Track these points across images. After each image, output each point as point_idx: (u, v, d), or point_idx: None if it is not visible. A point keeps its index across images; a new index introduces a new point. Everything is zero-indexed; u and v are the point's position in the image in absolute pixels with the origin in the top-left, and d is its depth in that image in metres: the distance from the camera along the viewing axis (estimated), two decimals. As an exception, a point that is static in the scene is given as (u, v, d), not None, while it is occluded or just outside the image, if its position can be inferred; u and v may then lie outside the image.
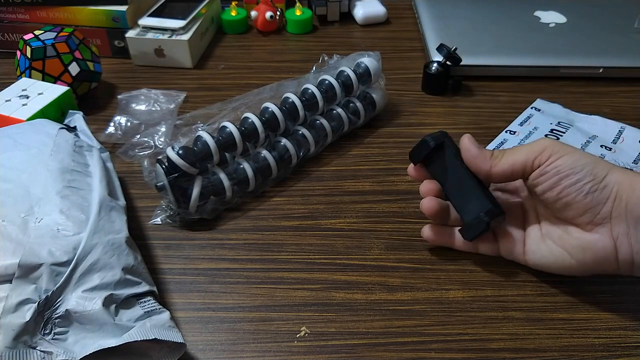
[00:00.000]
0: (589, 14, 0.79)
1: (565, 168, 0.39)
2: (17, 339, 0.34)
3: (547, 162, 0.39)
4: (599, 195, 0.38)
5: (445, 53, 0.65)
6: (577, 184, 0.38)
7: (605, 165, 0.39)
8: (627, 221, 0.37)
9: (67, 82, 0.62)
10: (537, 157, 0.40)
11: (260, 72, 0.73)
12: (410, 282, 0.45)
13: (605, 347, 0.40)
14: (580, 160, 0.39)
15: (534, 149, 0.40)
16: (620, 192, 0.37)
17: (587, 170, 0.38)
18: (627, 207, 0.37)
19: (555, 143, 0.40)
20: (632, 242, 0.37)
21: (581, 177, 0.38)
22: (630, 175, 0.38)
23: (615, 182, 0.38)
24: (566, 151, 0.39)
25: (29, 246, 0.36)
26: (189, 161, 0.47)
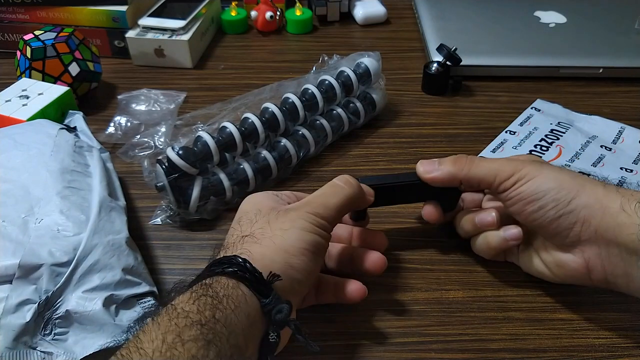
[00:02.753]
0: (589, 14, 0.79)
1: (528, 195, 0.38)
2: (18, 340, 0.34)
3: (511, 189, 0.39)
4: (565, 221, 0.37)
5: (445, 53, 0.65)
6: (540, 211, 0.37)
7: (573, 187, 0.37)
8: (598, 244, 0.36)
9: (67, 82, 0.62)
10: (504, 182, 0.39)
11: (260, 72, 0.73)
12: (410, 282, 0.45)
13: (605, 347, 0.40)
14: (544, 185, 0.37)
15: (504, 170, 0.39)
16: (588, 217, 0.36)
17: (550, 197, 0.37)
18: (597, 232, 0.36)
19: (526, 165, 0.39)
20: (604, 263, 0.37)
21: (544, 203, 0.37)
22: (601, 196, 0.36)
23: (583, 207, 0.36)
24: (533, 174, 0.38)
25: (29, 246, 0.36)
26: (189, 161, 0.47)
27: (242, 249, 0.35)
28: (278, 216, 0.37)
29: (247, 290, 0.32)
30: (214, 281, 0.32)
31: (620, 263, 0.36)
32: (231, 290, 0.31)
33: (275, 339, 0.32)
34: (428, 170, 0.42)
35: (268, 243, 0.35)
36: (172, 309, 0.29)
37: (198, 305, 0.30)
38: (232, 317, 0.30)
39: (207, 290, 0.31)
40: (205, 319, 0.29)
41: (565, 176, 0.38)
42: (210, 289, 0.31)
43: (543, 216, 0.37)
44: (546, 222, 0.37)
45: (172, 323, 0.28)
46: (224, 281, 0.32)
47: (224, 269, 0.33)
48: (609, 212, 0.35)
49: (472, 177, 0.41)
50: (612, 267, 0.36)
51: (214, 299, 0.30)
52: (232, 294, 0.31)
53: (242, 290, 0.32)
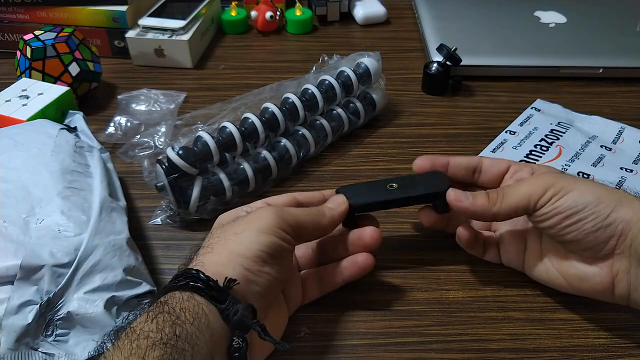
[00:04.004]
0: (589, 14, 0.79)
1: (566, 208, 0.37)
2: (19, 341, 0.34)
3: (548, 204, 0.38)
4: (602, 234, 0.36)
5: (445, 53, 0.65)
6: (578, 224, 0.37)
7: (611, 200, 0.37)
8: (630, 259, 0.36)
9: (67, 82, 0.62)
10: (540, 199, 0.38)
11: (260, 72, 0.73)
12: (410, 282, 0.45)
13: (605, 347, 0.40)
14: (583, 198, 0.37)
15: (536, 189, 0.38)
16: (625, 230, 0.36)
17: (590, 210, 0.36)
18: (632, 246, 0.36)
19: (558, 179, 0.38)
20: (631, 279, 0.36)
21: (583, 216, 0.37)
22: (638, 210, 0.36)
23: (621, 220, 0.36)
24: (569, 188, 0.37)
25: (30, 247, 0.37)
26: (189, 161, 0.47)
27: (195, 261, 0.34)
28: (235, 223, 0.37)
29: (203, 299, 0.31)
30: (169, 297, 0.31)
31: None
32: (186, 302, 0.31)
33: (240, 344, 0.32)
34: (460, 199, 0.41)
35: (220, 250, 0.35)
36: (131, 331, 0.29)
37: (157, 323, 0.29)
38: (193, 329, 0.30)
39: (163, 307, 0.30)
40: (166, 337, 0.28)
41: (601, 190, 0.37)
42: (165, 305, 0.30)
43: (579, 229, 0.37)
44: (582, 235, 0.37)
45: (133, 345, 0.28)
46: (177, 295, 0.31)
47: (176, 283, 0.32)
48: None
49: (506, 208, 0.39)
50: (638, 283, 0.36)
51: (171, 315, 0.30)
52: (188, 306, 0.31)
53: (197, 300, 0.31)
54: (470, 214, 0.41)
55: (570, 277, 0.39)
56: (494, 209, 0.39)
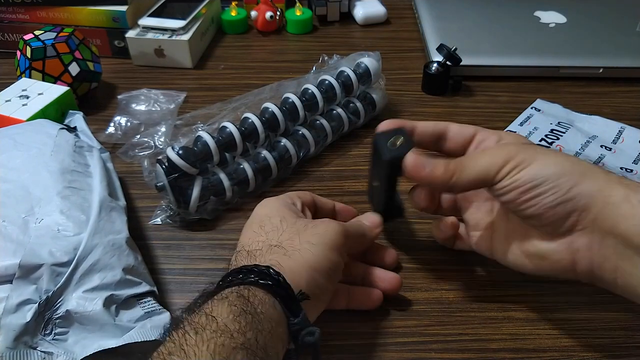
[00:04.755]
0: (589, 14, 0.79)
1: (525, 182, 0.35)
2: (18, 340, 0.34)
3: (506, 177, 0.36)
4: (563, 209, 0.34)
5: (445, 53, 0.65)
6: (538, 198, 0.35)
7: (574, 173, 0.35)
8: (593, 235, 0.34)
9: (67, 82, 0.62)
10: (499, 172, 0.36)
11: (260, 72, 0.73)
12: (410, 282, 0.45)
13: (605, 347, 0.40)
14: (543, 171, 0.35)
15: (495, 161, 0.36)
16: (588, 205, 0.34)
17: (550, 183, 0.34)
18: (595, 222, 0.34)
19: (520, 150, 0.36)
20: (594, 256, 0.35)
21: (542, 190, 0.35)
22: (604, 185, 0.34)
23: (584, 195, 0.34)
24: (530, 161, 0.35)
25: (30, 246, 0.36)
26: (189, 161, 0.47)
27: (271, 260, 0.34)
28: (307, 228, 0.37)
29: (280, 308, 0.32)
30: (251, 295, 0.31)
31: (612, 256, 0.34)
32: (268, 307, 0.31)
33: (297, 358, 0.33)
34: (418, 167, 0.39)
35: (297, 257, 0.35)
36: (214, 323, 0.29)
37: (240, 324, 0.29)
38: (270, 342, 0.30)
39: (247, 305, 0.30)
40: (249, 343, 0.28)
41: (565, 162, 0.35)
42: (249, 304, 0.30)
43: (539, 204, 0.35)
44: (541, 210, 0.35)
45: (218, 342, 0.28)
46: (260, 296, 0.31)
47: (258, 280, 0.32)
48: (611, 201, 0.33)
49: (464, 180, 0.37)
50: (602, 260, 0.35)
51: (254, 317, 0.30)
52: (269, 312, 0.31)
53: (277, 309, 0.32)
54: (427, 183, 0.40)
55: (532, 256, 0.38)
56: (452, 180, 0.37)
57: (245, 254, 0.36)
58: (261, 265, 0.33)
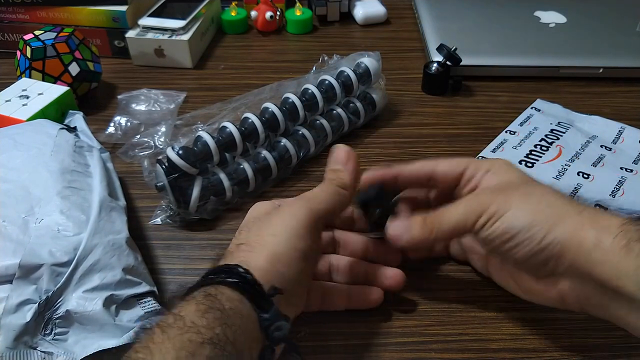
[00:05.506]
0: (589, 14, 0.79)
1: (501, 233, 0.36)
2: (18, 340, 0.34)
3: (483, 229, 0.36)
4: (539, 257, 0.35)
5: (445, 53, 0.65)
6: (515, 249, 0.36)
7: (547, 219, 0.35)
8: (572, 278, 0.35)
9: (67, 82, 0.62)
10: (475, 224, 0.37)
11: (260, 72, 0.73)
12: (411, 282, 0.44)
13: (605, 347, 0.40)
14: (516, 221, 0.35)
15: (470, 214, 0.37)
16: (562, 251, 0.34)
17: (523, 235, 0.35)
18: (572, 266, 0.34)
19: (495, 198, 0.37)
20: (578, 295, 0.35)
21: (518, 241, 0.35)
22: (578, 229, 0.34)
23: (559, 241, 0.34)
24: (503, 211, 0.36)
25: (30, 246, 0.37)
26: (189, 161, 0.47)
27: (239, 258, 0.34)
28: (270, 218, 0.37)
29: (249, 304, 0.32)
30: (219, 292, 0.31)
31: (595, 295, 0.34)
32: (236, 303, 0.31)
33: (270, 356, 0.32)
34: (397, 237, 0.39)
35: (262, 251, 0.35)
36: (181, 320, 0.29)
37: (208, 320, 0.29)
38: (239, 335, 0.30)
39: (214, 302, 0.30)
40: (216, 338, 0.28)
41: (540, 206, 0.36)
42: (217, 301, 0.30)
43: (517, 253, 0.36)
44: (521, 258, 0.36)
45: (184, 338, 0.28)
46: (228, 293, 0.31)
47: (224, 278, 0.32)
48: (583, 247, 0.33)
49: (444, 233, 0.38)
50: (586, 298, 0.35)
51: (222, 313, 0.30)
52: (237, 307, 0.31)
53: (245, 304, 0.31)
54: (413, 247, 0.40)
55: (522, 289, 0.39)
56: (432, 236, 0.38)
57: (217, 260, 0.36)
58: (230, 264, 0.33)
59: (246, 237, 0.36)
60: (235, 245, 0.36)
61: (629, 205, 0.49)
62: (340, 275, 0.43)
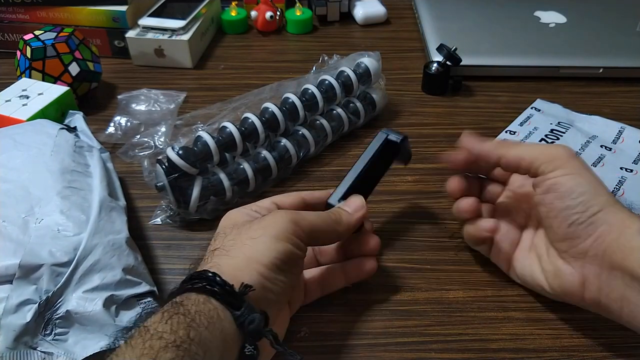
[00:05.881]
0: (589, 14, 0.79)
1: (561, 189, 0.37)
2: (18, 340, 0.34)
3: (549, 174, 0.37)
4: (583, 229, 0.36)
5: (445, 53, 0.65)
6: (566, 210, 0.36)
7: (604, 199, 0.36)
8: (602, 265, 0.36)
9: (67, 82, 0.62)
10: (543, 164, 0.38)
11: (260, 72, 0.73)
12: (410, 282, 0.45)
13: (605, 347, 0.40)
14: (580, 186, 0.36)
15: (545, 155, 0.38)
16: (604, 234, 0.35)
17: (582, 200, 0.36)
18: (606, 252, 0.35)
19: (570, 156, 0.38)
20: (602, 285, 0.36)
21: (572, 204, 0.36)
22: (625, 218, 0.35)
23: (605, 222, 0.35)
24: (573, 170, 0.37)
25: (30, 247, 0.36)
26: (189, 161, 0.47)
27: (211, 262, 0.34)
28: (251, 225, 0.36)
29: (219, 304, 0.31)
30: (185, 298, 0.31)
31: (619, 287, 0.35)
32: (202, 305, 0.31)
33: (252, 352, 0.31)
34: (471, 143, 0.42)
35: (237, 254, 0.34)
36: (145, 330, 0.28)
37: (171, 325, 0.29)
38: (206, 334, 0.29)
39: (179, 308, 0.30)
40: (180, 339, 0.28)
41: (601, 187, 0.37)
42: (181, 306, 0.30)
43: (565, 215, 0.37)
44: (565, 222, 0.37)
45: (146, 345, 0.27)
46: (194, 297, 0.31)
47: (192, 284, 0.32)
48: (626, 233, 0.34)
49: (513, 157, 0.40)
50: (609, 290, 0.36)
51: (186, 317, 0.29)
52: (204, 309, 0.30)
53: (213, 304, 0.31)
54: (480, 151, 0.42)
55: (550, 273, 0.39)
56: (504, 150, 0.40)
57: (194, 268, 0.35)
58: (199, 270, 0.33)
59: (221, 242, 0.36)
60: (210, 251, 0.36)
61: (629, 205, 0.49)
62: (324, 256, 0.43)
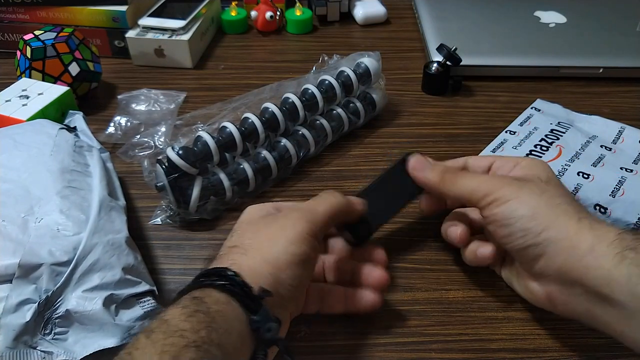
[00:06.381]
0: (589, 14, 0.79)
1: (499, 218, 0.37)
2: (18, 339, 0.34)
3: (488, 209, 0.37)
4: (532, 252, 0.36)
5: (445, 53, 0.65)
6: (509, 237, 0.36)
7: (545, 218, 0.35)
8: (561, 281, 0.35)
9: (67, 82, 0.62)
10: (480, 200, 0.38)
11: (260, 72, 0.73)
12: (410, 282, 0.45)
13: (606, 347, 0.40)
14: (517, 211, 0.36)
15: (479, 189, 0.38)
16: (553, 253, 0.35)
17: (520, 225, 0.36)
18: (561, 270, 0.35)
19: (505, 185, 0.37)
20: (567, 300, 0.35)
21: (514, 230, 0.36)
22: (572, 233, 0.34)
23: (552, 241, 0.35)
24: (508, 197, 0.36)
25: (29, 246, 0.36)
26: (189, 161, 0.47)
27: (230, 260, 0.34)
28: (267, 224, 0.37)
29: (238, 305, 0.31)
30: (206, 295, 0.31)
31: (583, 302, 0.35)
32: (223, 306, 0.31)
33: (264, 358, 0.32)
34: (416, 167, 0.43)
35: (255, 254, 0.34)
36: (165, 324, 0.28)
37: (192, 323, 0.29)
38: (226, 337, 0.29)
39: (200, 306, 0.30)
40: (201, 340, 0.28)
41: (541, 204, 0.36)
42: (202, 303, 0.30)
43: (512, 242, 0.37)
44: (515, 249, 0.37)
45: (167, 342, 0.27)
46: (215, 295, 0.31)
47: (213, 281, 0.32)
48: (577, 251, 0.34)
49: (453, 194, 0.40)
50: (574, 305, 0.35)
51: (207, 316, 0.29)
52: (224, 310, 0.30)
53: (233, 306, 0.31)
54: (422, 184, 0.43)
55: (524, 288, 0.40)
56: (444, 189, 0.41)
57: (209, 262, 0.36)
58: (219, 267, 0.33)
59: (240, 240, 0.36)
60: (228, 247, 0.36)
61: (629, 205, 0.49)
62: (330, 273, 0.43)
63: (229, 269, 0.33)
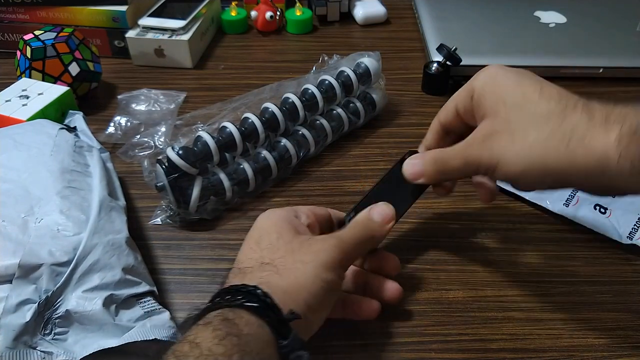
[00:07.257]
0: (589, 14, 0.79)
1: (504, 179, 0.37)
2: (18, 339, 0.34)
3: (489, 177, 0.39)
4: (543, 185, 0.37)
5: (445, 53, 0.65)
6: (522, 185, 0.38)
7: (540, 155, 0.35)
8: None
9: (67, 82, 0.62)
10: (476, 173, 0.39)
11: (260, 72, 0.73)
12: (410, 282, 0.45)
13: (605, 347, 0.40)
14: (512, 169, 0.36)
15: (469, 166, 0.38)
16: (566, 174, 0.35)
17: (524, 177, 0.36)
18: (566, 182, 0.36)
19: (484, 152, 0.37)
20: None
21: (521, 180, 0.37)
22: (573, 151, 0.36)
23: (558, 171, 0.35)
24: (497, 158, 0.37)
25: (29, 246, 0.36)
26: (189, 161, 0.47)
27: (261, 278, 0.34)
28: (302, 246, 0.36)
29: (269, 331, 0.31)
30: (237, 316, 0.30)
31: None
32: (255, 328, 0.30)
33: None
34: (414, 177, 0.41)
35: (288, 275, 0.34)
36: (197, 348, 0.28)
37: (225, 347, 0.28)
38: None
39: (232, 328, 0.29)
40: None
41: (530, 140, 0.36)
42: (234, 325, 0.29)
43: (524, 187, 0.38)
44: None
45: None
46: (246, 317, 0.30)
47: (243, 302, 0.31)
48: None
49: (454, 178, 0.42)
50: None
51: (239, 339, 0.29)
52: (255, 334, 0.30)
53: (265, 330, 0.31)
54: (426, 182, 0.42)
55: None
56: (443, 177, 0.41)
57: (237, 272, 0.35)
58: (249, 284, 0.33)
59: (271, 255, 0.36)
60: (259, 263, 0.35)
61: (629, 205, 0.49)
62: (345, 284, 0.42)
63: (259, 288, 0.32)
